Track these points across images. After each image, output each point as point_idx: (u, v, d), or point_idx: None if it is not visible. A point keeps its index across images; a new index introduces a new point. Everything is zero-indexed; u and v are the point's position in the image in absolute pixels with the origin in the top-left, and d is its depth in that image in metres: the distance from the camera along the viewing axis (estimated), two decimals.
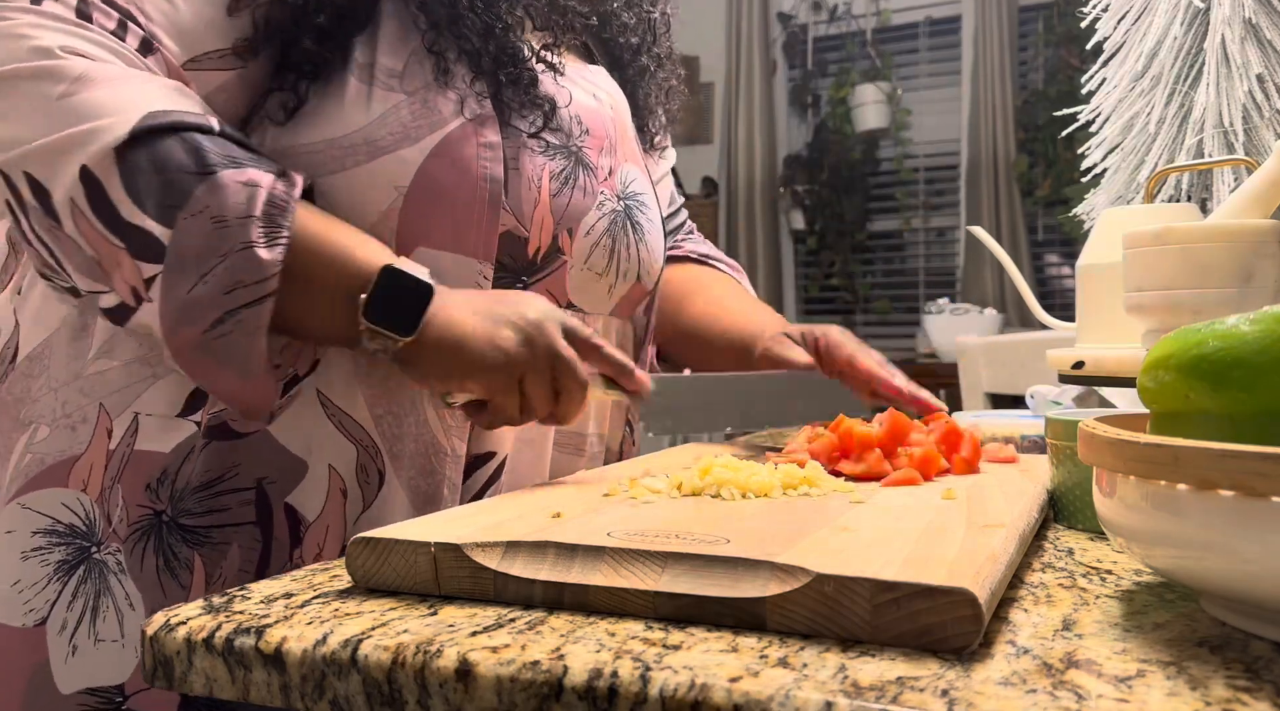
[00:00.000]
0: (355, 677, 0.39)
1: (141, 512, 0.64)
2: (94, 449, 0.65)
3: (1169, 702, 0.32)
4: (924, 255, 4.30)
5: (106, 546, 0.64)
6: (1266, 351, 0.37)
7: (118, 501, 0.64)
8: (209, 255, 0.56)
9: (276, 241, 0.57)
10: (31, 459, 0.65)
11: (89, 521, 0.65)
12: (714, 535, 0.45)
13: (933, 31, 4.23)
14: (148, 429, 0.65)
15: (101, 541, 0.64)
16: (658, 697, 0.34)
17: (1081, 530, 0.59)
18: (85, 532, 0.65)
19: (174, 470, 0.64)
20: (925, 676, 0.34)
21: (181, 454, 0.64)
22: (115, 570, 0.64)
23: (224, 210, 0.57)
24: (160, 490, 0.64)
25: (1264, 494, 0.33)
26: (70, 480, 0.65)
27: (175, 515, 0.65)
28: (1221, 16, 1.08)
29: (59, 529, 0.65)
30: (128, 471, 0.64)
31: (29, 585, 0.65)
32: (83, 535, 0.65)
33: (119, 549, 0.64)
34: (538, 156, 0.72)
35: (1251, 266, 0.68)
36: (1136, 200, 1.16)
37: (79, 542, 0.65)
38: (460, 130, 0.67)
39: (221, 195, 0.57)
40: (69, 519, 0.65)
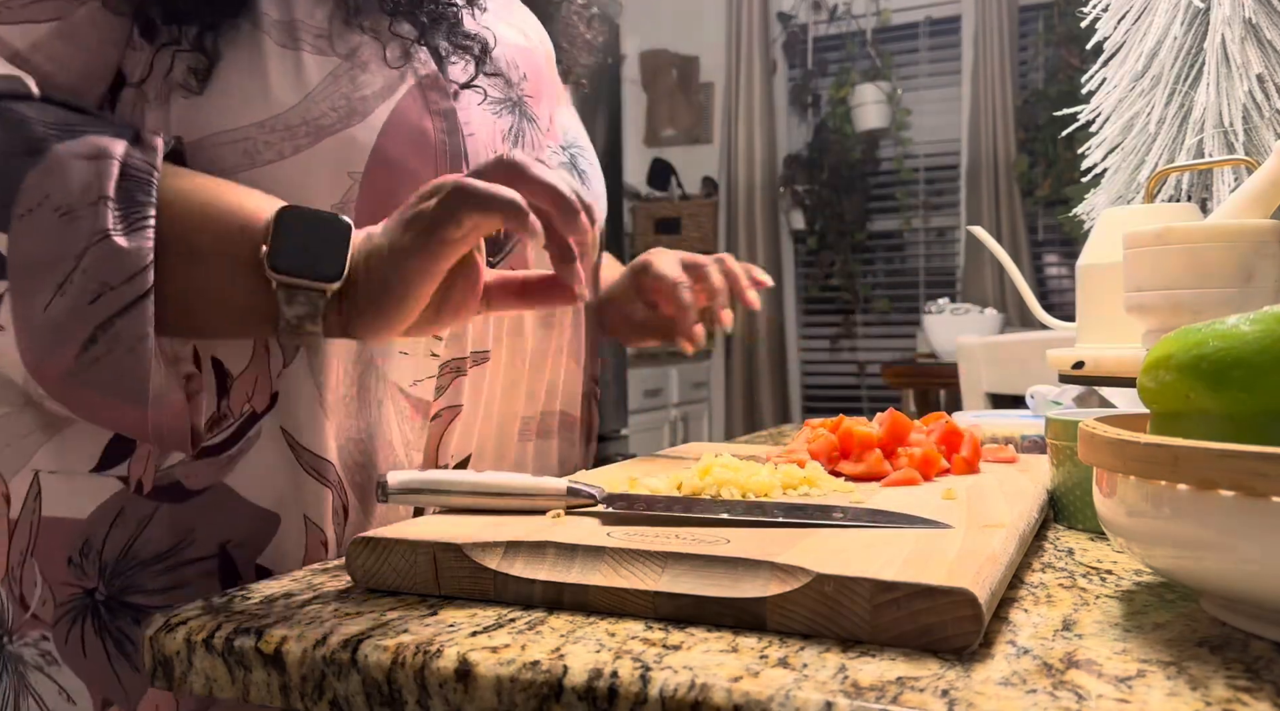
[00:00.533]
0: (355, 677, 0.39)
1: (69, 592, 0.54)
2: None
3: (1169, 702, 0.32)
4: (924, 255, 4.30)
5: (22, 637, 0.54)
6: (1266, 351, 0.37)
7: (34, 580, 0.54)
8: (60, 257, 0.45)
9: (140, 225, 0.46)
10: None
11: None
12: (714, 535, 0.45)
13: (933, 31, 4.23)
14: (55, 490, 0.53)
15: (14, 630, 0.54)
16: (658, 697, 0.34)
17: (1081, 530, 0.59)
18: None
19: (99, 538, 0.53)
20: (925, 676, 0.34)
21: (107, 518, 0.53)
22: (38, 663, 0.54)
23: (68, 195, 0.45)
24: (85, 564, 0.54)
25: (1264, 494, 0.33)
26: None
27: (118, 592, 0.54)
28: (1221, 16, 1.08)
29: None
30: (41, 544, 0.54)
31: None
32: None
33: (44, 637, 0.54)
34: (487, 115, 0.62)
35: (1251, 266, 0.68)
36: (1136, 200, 1.16)
37: None
38: (409, 97, 0.57)
39: (62, 177, 0.45)
40: None
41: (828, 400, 4.31)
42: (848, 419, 0.67)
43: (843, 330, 4.35)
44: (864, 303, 4.33)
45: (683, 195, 4.45)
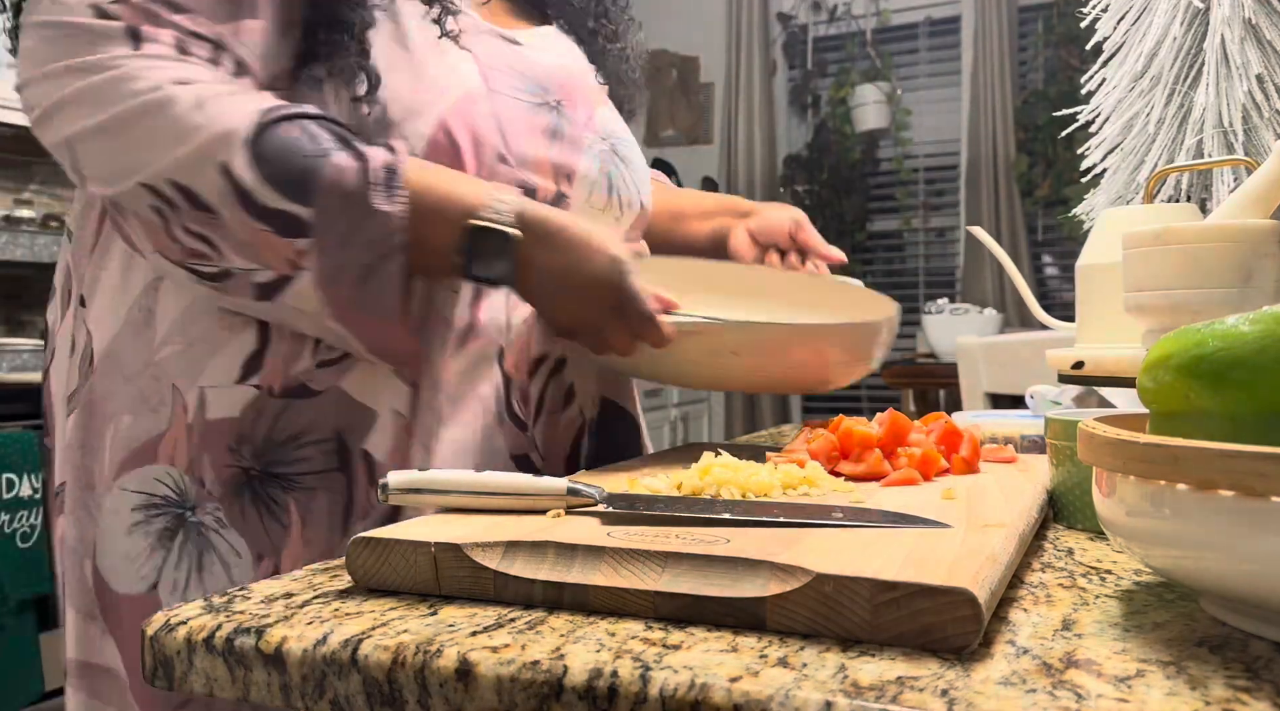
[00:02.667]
0: (355, 677, 0.39)
1: (230, 472, 0.71)
2: (175, 426, 0.72)
3: (1169, 702, 0.32)
4: (924, 255, 4.30)
5: (203, 508, 0.71)
6: (1266, 351, 0.37)
7: (206, 467, 0.71)
8: (345, 223, 0.65)
9: (398, 201, 0.66)
10: (120, 445, 0.72)
11: (180, 490, 0.72)
12: (714, 535, 0.45)
13: (933, 31, 4.23)
14: (215, 400, 0.71)
15: (196, 504, 0.71)
16: (658, 697, 0.34)
17: (1081, 530, 0.59)
18: (179, 501, 0.72)
19: (248, 430, 0.71)
20: (925, 676, 0.34)
21: (251, 416, 0.71)
22: (214, 527, 0.71)
23: (347, 183, 0.65)
24: (242, 449, 0.71)
25: (1264, 494, 0.33)
26: (158, 457, 0.72)
27: (266, 466, 0.71)
28: (1221, 16, 1.08)
29: (155, 502, 0.72)
30: (209, 439, 0.71)
31: (137, 555, 0.72)
32: (176, 503, 0.72)
33: (216, 508, 0.71)
34: (527, 116, 0.79)
35: (1251, 266, 0.68)
36: (1136, 200, 1.16)
37: (174, 510, 0.72)
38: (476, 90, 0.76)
39: (342, 171, 0.65)
40: (163, 491, 0.72)
41: (827, 400, 4.31)
42: (847, 419, 0.67)
43: None
44: None
45: None
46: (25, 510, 2.22)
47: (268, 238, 0.65)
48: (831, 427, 0.67)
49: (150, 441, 0.72)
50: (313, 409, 0.72)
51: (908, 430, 0.67)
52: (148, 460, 0.72)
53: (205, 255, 0.66)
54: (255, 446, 0.71)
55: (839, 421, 0.67)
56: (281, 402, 0.71)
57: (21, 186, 3.12)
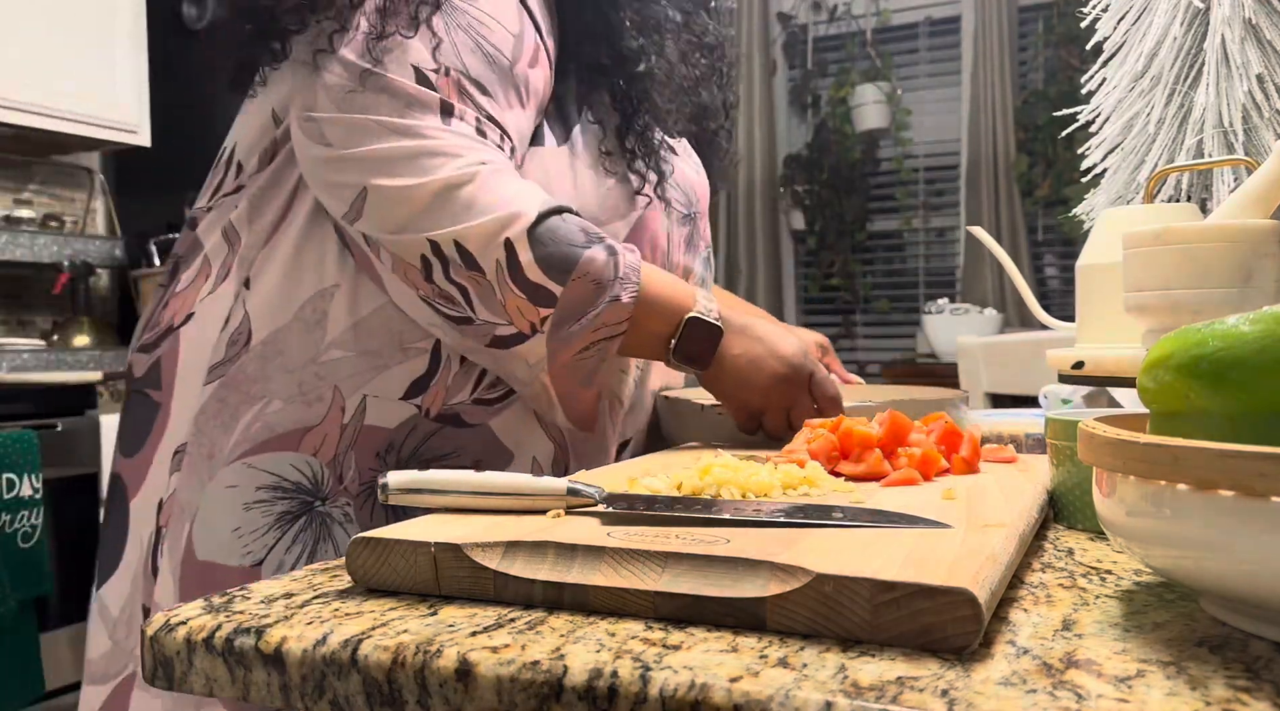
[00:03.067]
0: (355, 677, 0.39)
1: (371, 475, 0.78)
2: (329, 422, 0.78)
3: (1169, 702, 0.32)
4: (924, 255, 4.30)
5: (334, 501, 0.78)
6: (1266, 351, 0.37)
7: (350, 465, 0.78)
8: (587, 305, 0.76)
9: (632, 295, 0.77)
10: (261, 426, 0.78)
11: (315, 480, 0.78)
12: (714, 535, 0.45)
13: (933, 31, 4.23)
14: (375, 408, 0.78)
15: (328, 497, 0.78)
16: (658, 697, 0.34)
17: (1081, 530, 0.59)
18: (311, 489, 0.77)
19: (399, 443, 0.79)
20: (925, 676, 0.34)
21: (405, 430, 0.79)
22: (341, 520, 0.77)
23: (600, 274, 0.76)
24: (388, 457, 0.78)
25: (1264, 494, 0.33)
26: (302, 446, 0.78)
27: None
28: (1221, 16, 1.08)
29: (284, 485, 0.77)
30: (360, 441, 0.78)
31: (249, 531, 0.76)
32: (308, 491, 0.77)
33: (348, 504, 0.78)
34: (676, 225, 0.93)
35: (1251, 266, 0.68)
36: (1136, 200, 1.16)
37: (303, 497, 0.77)
38: (649, 210, 0.90)
39: (598, 263, 0.76)
40: (295, 477, 0.77)
41: None
42: (847, 419, 0.67)
43: (843, 330, 4.35)
44: (864, 303, 4.33)
45: None
46: (26, 510, 2.21)
47: (521, 303, 0.75)
48: (831, 428, 0.67)
49: (297, 430, 0.77)
50: (461, 437, 0.81)
51: (908, 430, 0.67)
52: (289, 446, 0.77)
53: (456, 301, 0.76)
54: (401, 458, 0.79)
55: (839, 421, 0.67)
56: (435, 425, 0.80)
57: (21, 186, 3.11)
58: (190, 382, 0.81)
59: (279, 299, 0.80)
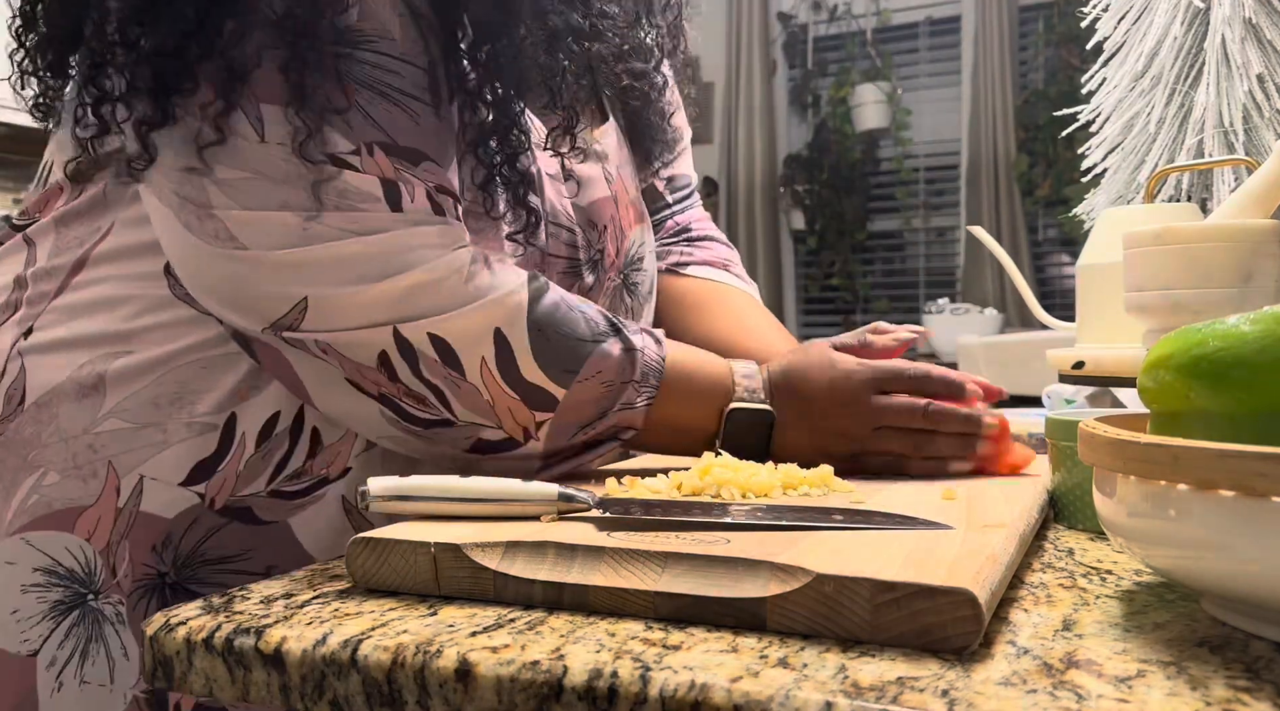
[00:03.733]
0: (355, 677, 0.39)
1: (146, 571, 0.67)
2: (103, 503, 0.67)
3: (1169, 702, 0.32)
4: (924, 255, 4.30)
5: (106, 596, 0.66)
6: (1266, 351, 0.37)
7: (124, 556, 0.66)
8: (595, 411, 0.67)
9: (648, 397, 0.68)
10: (38, 500, 0.67)
11: (88, 569, 0.67)
12: (714, 535, 0.45)
13: (933, 31, 4.23)
14: (152, 492, 0.67)
15: (100, 591, 0.67)
16: (658, 697, 0.34)
17: (1081, 530, 0.59)
18: (84, 579, 0.67)
19: (177, 536, 0.67)
20: (925, 676, 0.34)
21: (185, 521, 0.67)
22: (113, 619, 0.66)
23: (610, 375, 0.66)
24: (164, 553, 0.67)
25: (1264, 494, 0.33)
26: (76, 528, 0.67)
27: (181, 579, 0.67)
28: (1221, 16, 1.08)
29: (59, 570, 0.67)
30: (135, 530, 0.66)
31: (25, 617, 0.66)
32: (80, 581, 0.67)
33: (121, 602, 0.66)
34: (565, 279, 0.77)
35: (1251, 266, 0.68)
36: (1136, 200, 1.16)
37: (76, 588, 0.67)
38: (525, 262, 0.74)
39: (612, 361, 0.66)
40: (69, 563, 0.67)
41: None
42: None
43: (843, 330, 4.34)
44: (864, 303, 4.34)
45: None
46: None
47: (514, 404, 0.64)
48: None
49: (72, 508, 0.66)
50: (251, 537, 0.67)
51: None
52: (65, 526, 0.66)
53: (428, 402, 0.64)
54: (179, 553, 0.67)
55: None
56: (220, 520, 0.67)
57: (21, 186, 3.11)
58: None
59: (59, 353, 0.68)
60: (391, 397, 0.64)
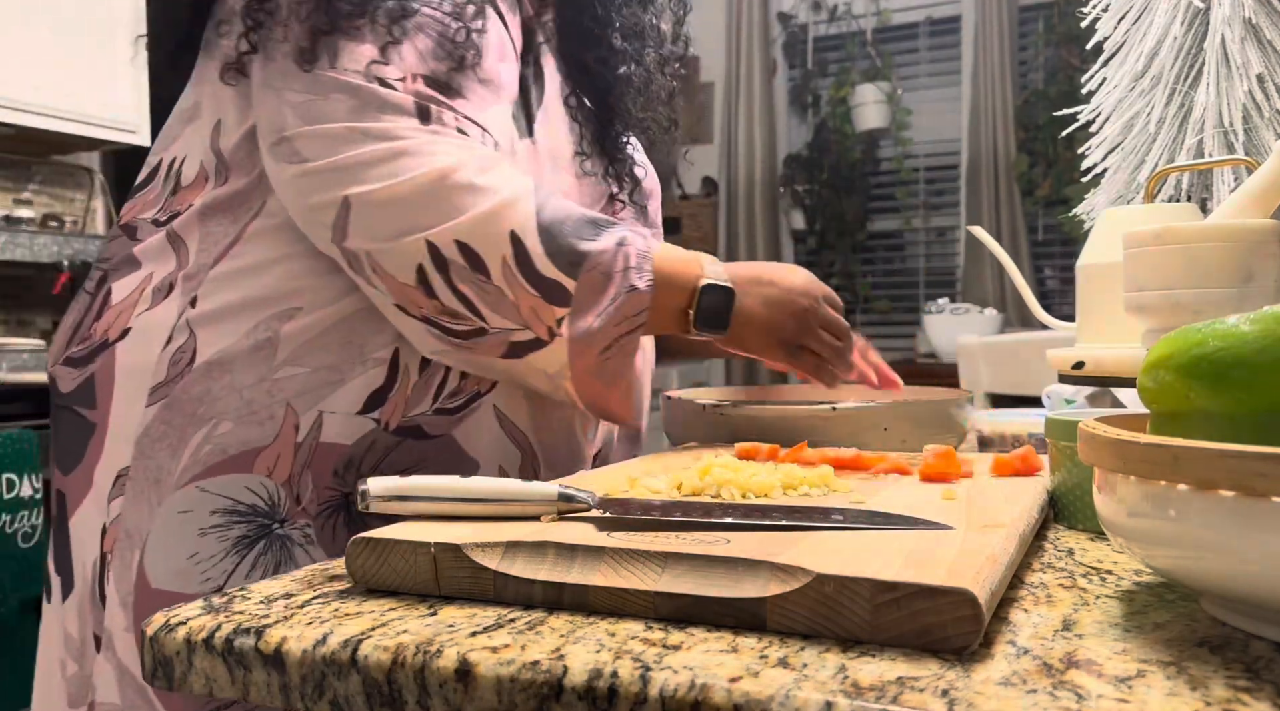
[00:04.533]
0: (355, 677, 0.39)
1: (330, 494, 0.75)
2: (282, 440, 0.74)
3: (1169, 702, 0.32)
4: (924, 255, 4.30)
5: (292, 523, 0.74)
6: (1266, 351, 0.37)
7: (307, 484, 0.74)
8: (602, 300, 0.73)
9: (647, 281, 0.75)
10: (211, 449, 0.74)
11: (272, 502, 0.74)
12: (714, 535, 0.45)
13: (933, 31, 4.23)
14: (332, 424, 0.75)
15: (286, 518, 0.74)
16: (658, 697, 0.34)
17: (1081, 530, 0.59)
18: (267, 512, 0.74)
19: (358, 459, 0.75)
20: (925, 676, 0.34)
21: (364, 445, 0.75)
22: (301, 542, 0.74)
23: (610, 266, 0.73)
24: (346, 475, 0.75)
25: (1264, 494, 0.33)
26: (255, 467, 0.74)
27: None
28: (1221, 16, 1.08)
29: (240, 508, 0.74)
30: (316, 460, 0.74)
31: (206, 557, 0.73)
32: (264, 514, 0.74)
33: (308, 524, 0.74)
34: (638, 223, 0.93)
35: (1251, 266, 0.68)
36: (1136, 200, 1.16)
37: (260, 520, 0.74)
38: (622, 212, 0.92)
39: (609, 255, 0.73)
40: (251, 500, 0.74)
41: None
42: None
43: None
44: (864, 303, 4.33)
45: (683, 195, 4.45)
46: (26, 510, 2.22)
47: (536, 303, 0.72)
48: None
49: (249, 451, 0.73)
50: (423, 450, 0.77)
51: None
52: (243, 468, 0.73)
53: (460, 315, 0.72)
54: (361, 474, 0.75)
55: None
56: (395, 439, 0.76)
57: (21, 186, 3.12)
58: (129, 403, 0.76)
59: (229, 320, 0.75)
60: (432, 318, 0.72)
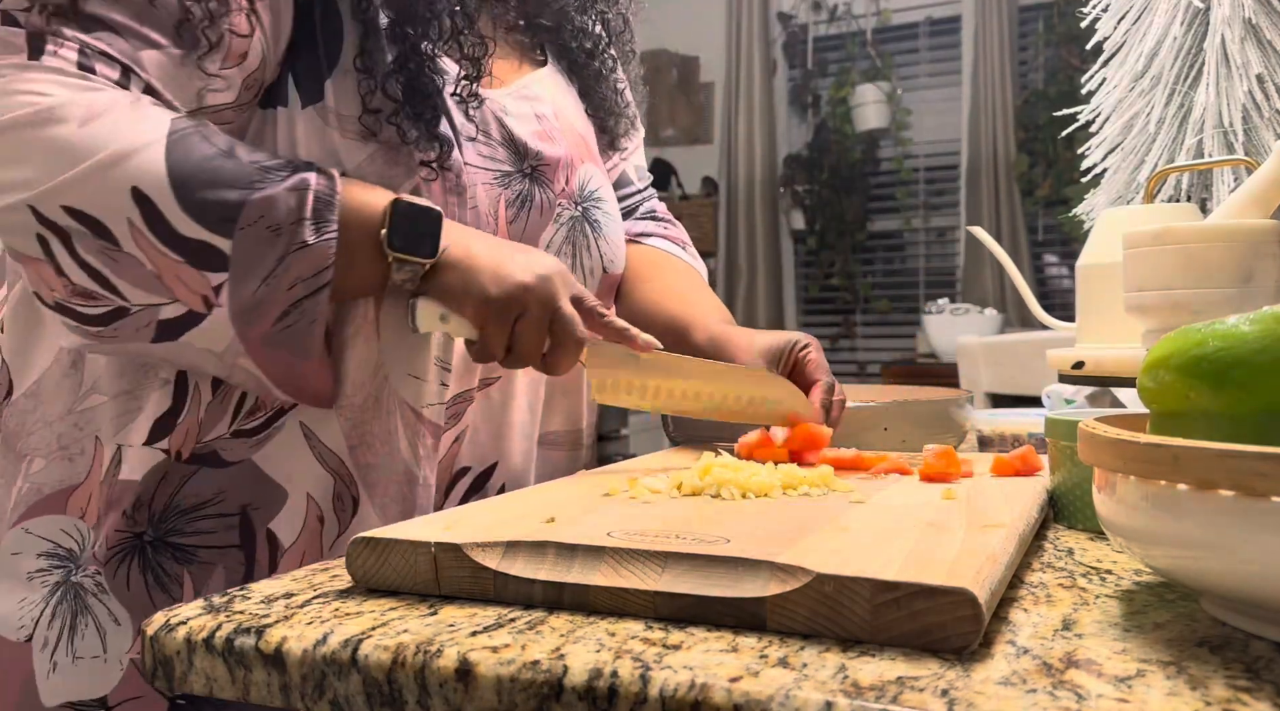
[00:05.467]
0: (355, 677, 0.39)
1: (120, 536, 0.67)
2: (91, 479, 0.68)
3: (1169, 702, 0.32)
4: (924, 255, 4.30)
5: (84, 569, 0.68)
6: (1266, 351, 0.37)
7: (104, 526, 0.67)
8: (268, 259, 0.61)
9: (327, 234, 0.62)
10: (29, 488, 0.69)
11: (82, 546, 0.68)
12: (714, 535, 0.45)
13: (933, 31, 4.23)
14: (128, 458, 0.68)
15: (81, 564, 0.68)
16: (658, 697, 0.34)
17: (1081, 530, 0.59)
18: (74, 557, 0.68)
19: (148, 495, 0.67)
20: (925, 676, 0.34)
21: (154, 479, 0.67)
22: (93, 590, 0.67)
23: (277, 217, 0.61)
24: (136, 514, 0.67)
25: (1264, 494, 0.33)
26: (69, 508, 0.68)
27: (162, 535, 0.68)
28: (1221, 16, 1.08)
29: (59, 552, 0.68)
30: (114, 500, 0.67)
31: (32, 602, 0.68)
32: (74, 559, 0.68)
33: (99, 571, 0.67)
34: (494, 188, 0.76)
35: (1251, 266, 0.68)
36: (1136, 200, 1.16)
37: (70, 566, 0.68)
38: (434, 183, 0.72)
39: (277, 202, 0.61)
40: (68, 543, 0.68)
41: None
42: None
43: (843, 330, 4.35)
44: (864, 303, 4.33)
45: (683, 195, 4.45)
46: None
47: (179, 269, 0.59)
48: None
49: (63, 490, 0.68)
50: (221, 479, 0.68)
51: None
52: (57, 509, 0.68)
53: (94, 294, 0.60)
54: (155, 512, 0.67)
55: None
56: (189, 469, 0.68)
57: None
58: None
59: (33, 344, 0.69)
60: (65, 303, 0.61)
